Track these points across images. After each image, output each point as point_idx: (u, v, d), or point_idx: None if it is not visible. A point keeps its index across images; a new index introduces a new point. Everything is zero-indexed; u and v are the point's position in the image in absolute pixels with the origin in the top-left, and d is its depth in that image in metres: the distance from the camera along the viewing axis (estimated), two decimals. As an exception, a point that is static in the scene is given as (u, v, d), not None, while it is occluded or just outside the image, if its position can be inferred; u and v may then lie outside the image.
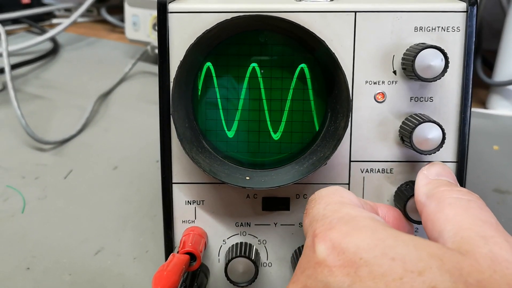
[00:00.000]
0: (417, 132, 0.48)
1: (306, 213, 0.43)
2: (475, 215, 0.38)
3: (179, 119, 0.50)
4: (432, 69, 0.47)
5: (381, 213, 0.47)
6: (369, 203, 0.46)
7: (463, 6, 0.50)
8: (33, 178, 0.83)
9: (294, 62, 0.51)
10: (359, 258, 0.34)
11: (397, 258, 0.33)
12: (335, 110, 0.50)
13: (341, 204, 0.41)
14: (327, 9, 0.50)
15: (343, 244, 0.35)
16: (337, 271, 0.35)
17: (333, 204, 0.41)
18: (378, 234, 0.35)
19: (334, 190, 0.44)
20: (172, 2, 0.52)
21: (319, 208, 0.41)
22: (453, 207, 0.39)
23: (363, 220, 0.38)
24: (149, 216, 0.73)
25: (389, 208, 0.48)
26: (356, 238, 0.35)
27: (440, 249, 0.34)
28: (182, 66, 0.49)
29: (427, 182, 0.44)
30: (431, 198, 0.42)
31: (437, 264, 0.32)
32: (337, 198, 0.42)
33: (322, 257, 0.36)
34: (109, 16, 1.65)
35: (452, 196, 0.40)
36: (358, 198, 0.44)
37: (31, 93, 1.16)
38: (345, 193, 0.43)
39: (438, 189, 0.42)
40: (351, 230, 0.36)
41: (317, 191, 0.45)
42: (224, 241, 0.55)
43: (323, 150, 0.50)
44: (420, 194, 0.44)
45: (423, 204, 0.42)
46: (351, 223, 0.37)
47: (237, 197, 0.54)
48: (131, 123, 1.03)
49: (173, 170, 0.54)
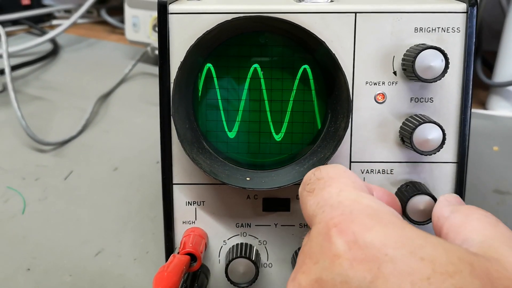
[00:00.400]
0: (417, 133, 0.48)
1: (312, 193, 0.41)
2: (502, 231, 0.37)
3: (179, 120, 0.50)
4: (432, 69, 0.47)
5: (375, 194, 0.46)
6: (366, 184, 0.45)
7: (463, 7, 0.50)
8: (34, 179, 0.83)
9: (295, 63, 0.51)
10: (384, 254, 0.33)
11: (427, 258, 0.32)
12: (336, 111, 0.50)
13: (357, 193, 0.39)
14: (327, 10, 0.50)
15: (367, 239, 0.34)
16: (358, 266, 0.33)
17: (348, 191, 0.39)
18: (406, 232, 0.34)
19: (343, 171, 0.42)
20: (173, 3, 0.52)
21: (331, 192, 0.39)
22: (481, 222, 0.38)
23: (387, 215, 0.36)
24: (150, 217, 0.73)
25: (383, 192, 0.47)
26: (381, 234, 0.34)
27: (469, 254, 0.33)
28: (183, 67, 0.49)
29: (449, 203, 0.43)
30: (457, 213, 0.41)
31: (468, 269, 0.31)
32: (350, 183, 0.40)
33: (343, 249, 0.34)
34: (109, 17, 1.65)
35: (480, 213, 0.40)
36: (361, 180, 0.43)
37: (31, 94, 1.16)
38: (353, 176, 0.42)
39: (463, 207, 0.42)
40: (376, 225, 0.35)
41: (321, 167, 0.43)
42: (224, 241, 0.55)
43: (324, 151, 0.50)
44: (443, 210, 0.42)
45: (447, 218, 0.41)
46: (375, 217, 0.36)
47: (238, 198, 0.54)
48: (131, 124, 1.03)
49: (173, 171, 0.54)
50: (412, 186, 0.51)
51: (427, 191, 0.50)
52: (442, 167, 0.53)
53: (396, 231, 0.34)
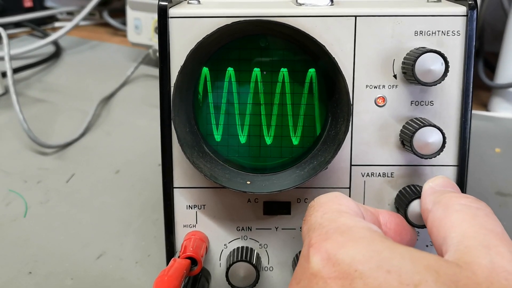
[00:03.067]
0: (417, 136, 0.48)
1: (305, 220, 0.42)
2: (481, 223, 0.37)
3: (179, 123, 0.50)
4: (432, 73, 0.47)
5: (382, 219, 0.46)
6: (370, 209, 0.46)
7: (463, 10, 0.50)
8: (35, 182, 0.83)
9: (295, 66, 0.51)
10: (354, 270, 0.34)
11: (393, 270, 0.33)
12: (336, 114, 0.50)
13: (339, 213, 0.40)
14: (327, 13, 0.50)
15: (338, 256, 0.35)
16: (332, 283, 0.34)
17: (331, 213, 0.40)
18: (374, 246, 0.35)
19: (333, 197, 0.43)
20: (173, 7, 0.52)
21: (316, 216, 0.41)
22: (460, 214, 0.38)
23: (359, 230, 0.37)
24: (151, 220, 0.73)
25: (391, 215, 0.47)
26: (351, 250, 0.35)
27: (437, 261, 0.33)
28: (183, 71, 0.49)
29: (433, 192, 0.44)
30: (438, 205, 0.41)
31: (433, 277, 0.32)
32: (335, 206, 0.41)
33: (317, 268, 0.35)
34: (111, 20, 1.64)
35: (459, 203, 0.40)
36: (358, 204, 0.44)
37: (33, 96, 1.16)
38: (344, 200, 0.43)
39: (445, 196, 0.42)
40: (347, 241, 0.36)
41: (316, 198, 0.44)
42: (225, 245, 0.55)
43: (324, 155, 0.50)
44: (427, 202, 0.43)
45: (429, 211, 0.42)
46: (347, 233, 0.37)
47: (238, 202, 0.54)
48: (133, 126, 1.03)
49: (174, 175, 0.54)
50: (413, 189, 0.51)
51: (427, 194, 0.50)
52: (443, 170, 0.52)
53: (365, 245, 0.35)
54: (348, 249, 0.35)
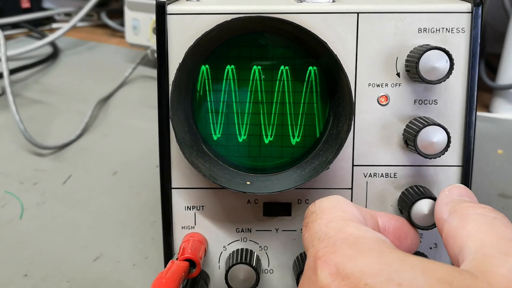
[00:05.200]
0: (421, 136, 0.47)
1: (306, 227, 0.41)
2: (499, 232, 0.36)
3: (178, 123, 0.49)
4: (436, 71, 0.46)
5: (381, 222, 0.45)
6: (369, 212, 0.45)
7: (468, 7, 0.49)
8: (32, 183, 0.82)
9: (296, 64, 0.51)
10: (364, 284, 0.33)
11: (404, 283, 0.32)
12: (338, 113, 0.49)
13: (344, 222, 0.39)
14: (329, 10, 0.49)
15: (347, 269, 0.34)
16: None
17: (336, 221, 0.39)
18: (383, 258, 0.34)
19: (336, 202, 0.42)
20: (171, 3, 0.51)
21: (320, 224, 0.40)
22: (477, 223, 0.37)
23: (367, 241, 0.36)
24: (149, 222, 0.72)
25: (390, 217, 0.46)
26: (361, 263, 0.34)
27: (450, 273, 0.32)
28: (181, 69, 0.48)
29: (449, 201, 0.42)
30: (454, 214, 0.40)
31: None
32: (339, 214, 0.40)
33: (326, 282, 0.35)
34: (109, 21, 1.64)
35: (476, 212, 0.39)
36: (359, 208, 0.43)
37: (31, 98, 1.16)
38: (347, 206, 0.42)
39: (461, 205, 0.41)
40: (356, 254, 0.35)
41: (317, 201, 0.43)
42: (224, 247, 0.54)
43: (326, 154, 0.49)
44: (442, 211, 0.42)
45: (445, 220, 0.41)
46: (355, 245, 0.36)
47: (238, 203, 0.53)
48: (131, 128, 1.02)
49: (172, 175, 0.53)
50: (416, 190, 0.50)
51: (431, 195, 0.49)
52: (447, 170, 0.52)
53: (374, 258, 0.34)
54: (357, 262, 0.34)
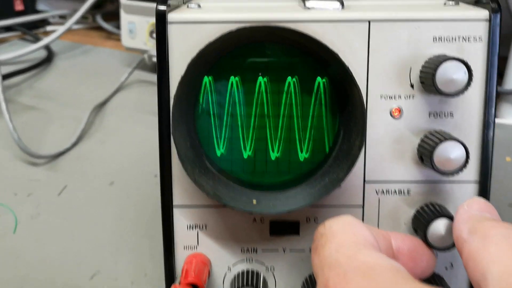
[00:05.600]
0: (438, 152, 0.45)
1: (316, 251, 0.39)
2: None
3: (180, 138, 0.46)
4: (454, 83, 0.44)
5: (394, 243, 0.43)
6: (383, 233, 0.42)
7: (485, 14, 0.47)
8: (26, 194, 0.80)
9: (304, 75, 0.48)
10: None
11: None
12: (349, 127, 0.47)
13: (356, 247, 0.37)
14: (338, 18, 0.47)
15: None
16: None
17: (347, 246, 0.37)
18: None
19: (347, 224, 0.39)
20: (172, 11, 0.48)
21: (330, 248, 0.37)
22: (500, 247, 0.35)
23: (382, 272, 0.34)
24: (148, 236, 0.69)
25: (404, 238, 0.44)
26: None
27: None
28: (183, 81, 0.45)
29: (468, 217, 0.39)
30: (474, 234, 0.37)
31: None
32: (350, 237, 0.38)
33: None
34: (105, 23, 1.62)
35: (499, 233, 0.36)
36: (371, 229, 0.40)
37: (24, 103, 1.13)
38: (359, 228, 0.39)
39: (482, 224, 0.38)
40: (369, 285, 0.33)
41: (326, 223, 0.40)
42: (229, 268, 0.52)
43: (336, 171, 0.47)
44: (461, 229, 0.39)
45: (465, 240, 0.38)
46: (369, 276, 0.33)
47: (243, 221, 0.51)
48: (128, 134, 1.00)
49: (173, 192, 0.50)
50: (431, 208, 0.47)
51: (448, 213, 0.46)
52: (463, 187, 0.49)
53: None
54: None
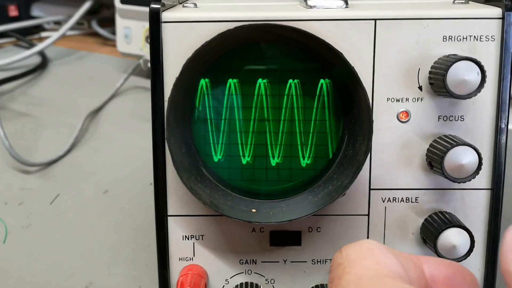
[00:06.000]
0: (449, 157, 0.43)
1: (332, 283, 0.35)
2: None
3: (175, 144, 0.44)
4: (466, 84, 0.42)
5: (428, 270, 0.38)
6: (412, 259, 0.38)
7: (498, 12, 0.45)
8: (17, 204, 0.78)
9: (307, 77, 0.46)
10: None
11: None
12: (354, 132, 0.45)
13: (379, 279, 0.33)
14: (343, 16, 0.45)
15: None
16: None
17: (368, 278, 0.33)
18: None
19: (368, 250, 0.36)
20: (166, 10, 0.46)
21: (349, 281, 0.34)
22: None
23: None
24: (143, 247, 0.68)
25: (438, 264, 0.39)
26: None
27: None
28: (178, 84, 0.44)
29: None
30: None
31: None
32: (372, 267, 0.34)
33: None
34: (100, 29, 1.61)
35: None
36: (398, 254, 0.36)
37: (17, 110, 1.12)
38: (382, 255, 0.35)
39: None
40: None
41: (343, 249, 0.37)
42: (226, 280, 0.50)
43: (340, 178, 0.45)
44: (509, 262, 0.35)
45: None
46: None
47: (242, 231, 0.49)
48: (123, 142, 0.98)
49: (168, 201, 0.49)
50: (441, 217, 0.45)
51: (459, 223, 0.44)
52: (474, 194, 0.47)
53: None
54: None
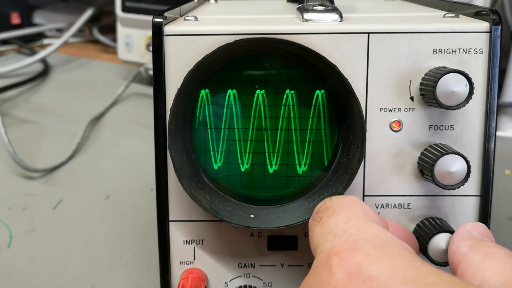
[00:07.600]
0: (439, 165, 0.44)
1: (319, 222, 0.37)
2: None
3: (176, 152, 0.46)
4: (455, 95, 0.43)
5: (390, 229, 0.42)
6: (383, 218, 0.41)
7: (486, 26, 0.46)
8: (21, 209, 0.79)
9: (303, 88, 0.48)
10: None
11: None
12: (348, 140, 0.46)
13: (367, 222, 0.36)
14: (337, 30, 0.46)
15: (371, 271, 0.30)
16: None
17: (357, 220, 0.36)
18: (417, 268, 0.30)
19: (356, 202, 0.38)
20: (168, 24, 0.48)
21: (338, 220, 0.36)
22: (503, 263, 0.34)
23: (396, 247, 0.32)
24: (144, 251, 0.68)
25: (398, 228, 0.44)
26: (388, 267, 0.30)
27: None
28: (180, 95, 0.45)
29: (469, 237, 0.39)
30: (475, 250, 0.37)
31: None
32: (359, 213, 0.37)
33: (343, 282, 0.30)
34: (102, 36, 1.62)
35: (501, 252, 0.36)
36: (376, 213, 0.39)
37: (20, 117, 1.12)
38: (366, 207, 0.38)
39: (484, 243, 0.38)
40: (383, 257, 0.31)
41: (333, 197, 0.39)
42: (226, 284, 0.51)
43: (335, 185, 0.46)
44: (460, 245, 0.39)
45: (463, 255, 0.37)
46: (382, 248, 0.32)
47: (240, 236, 0.50)
48: (124, 148, 0.99)
49: (169, 207, 0.50)
50: (432, 223, 0.47)
51: (449, 228, 0.46)
52: (464, 200, 0.48)
53: (406, 265, 0.30)
54: (384, 266, 0.30)
